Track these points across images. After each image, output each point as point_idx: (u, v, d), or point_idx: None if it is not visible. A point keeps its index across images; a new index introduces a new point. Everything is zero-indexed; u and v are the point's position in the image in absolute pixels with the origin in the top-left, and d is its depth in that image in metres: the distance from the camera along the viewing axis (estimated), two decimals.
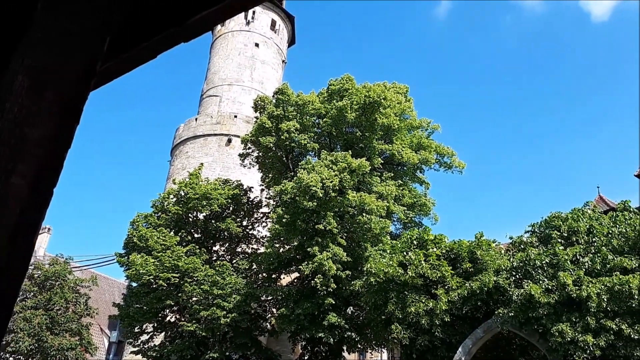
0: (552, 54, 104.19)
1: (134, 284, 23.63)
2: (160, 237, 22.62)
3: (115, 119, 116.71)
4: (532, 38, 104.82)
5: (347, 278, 19.59)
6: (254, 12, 43.73)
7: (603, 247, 15.23)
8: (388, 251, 17.94)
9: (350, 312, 21.59)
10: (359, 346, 22.05)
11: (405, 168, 24.25)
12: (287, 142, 22.86)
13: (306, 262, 19.35)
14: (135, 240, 22.81)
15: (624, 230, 15.65)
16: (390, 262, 16.66)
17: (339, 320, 19.09)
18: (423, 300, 15.86)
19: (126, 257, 22.92)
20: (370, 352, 26.73)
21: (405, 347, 17.29)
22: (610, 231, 15.90)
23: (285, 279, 24.18)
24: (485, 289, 15.61)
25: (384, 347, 22.73)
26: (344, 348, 21.85)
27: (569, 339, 13.35)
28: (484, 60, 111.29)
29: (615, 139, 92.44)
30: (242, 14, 43.51)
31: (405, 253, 17.03)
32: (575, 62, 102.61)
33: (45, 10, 1.05)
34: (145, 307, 22.32)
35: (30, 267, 27.30)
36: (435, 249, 17.00)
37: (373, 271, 16.67)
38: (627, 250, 15.17)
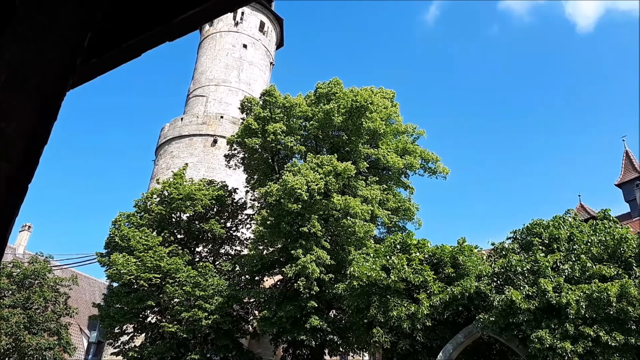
0: (538, 64, 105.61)
1: (115, 284, 23.37)
2: (143, 237, 22.42)
3: (100, 117, 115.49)
4: (518, 47, 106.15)
5: (330, 281, 19.60)
6: (242, 14, 43.66)
7: (583, 255, 15.43)
8: (371, 255, 17.98)
9: (332, 316, 21.60)
10: (341, 349, 22.06)
11: (390, 172, 24.35)
12: (273, 144, 22.84)
13: (289, 265, 19.33)
14: (117, 239, 22.58)
15: (604, 239, 15.87)
16: (374, 266, 16.70)
17: (321, 323, 19.09)
18: (405, 305, 15.93)
19: (107, 257, 22.68)
20: (352, 356, 26.72)
21: (387, 351, 17.32)
22: (590, 239, 16.11)
23: (268, 282, 24.11)
24: (467, 294, 15.72)
25: (365, 351, 22.71)
26: (326, 351, 21.85)
27: (547, 345, 13.49)
28: (470, 68, 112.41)
29: (598, 149, 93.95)
30: (231, 15, 43.44)
31: (388, 257, 17.09)
32: (561, 71, 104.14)
33: (25, 6, 1.04)
34: (126, 308, 22.09)
35: (9, 265, 26.84)
36: (418, 254, 17.08)
37: (356, 275, 16.70)
38: (606, 258, 15.39)
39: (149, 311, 23.10)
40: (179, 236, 25.05)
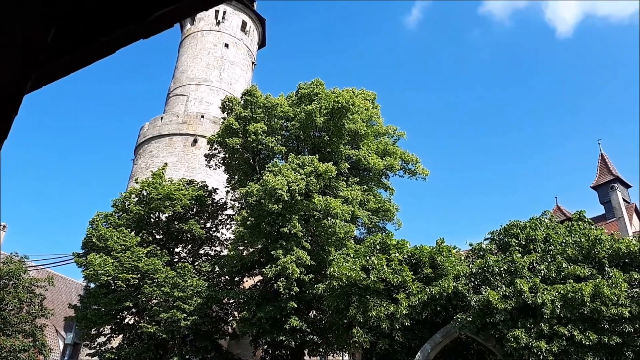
0: (518, 68, 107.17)
1: (92, 285, 23.04)
2: (121, 238, 22.14)
3: (78, 114, 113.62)
4: (499, 51, 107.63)
5: (310, 282, 19.60)
6: (224, 13, 43.45)
7: (558, 256, 15.72)
8: (351, 255, 18.06)
9: (312, 316, 21.61)
10: (321, 350, 22.08)
11: (370, 173, 24.46)
12: (254, 144, 22.77)
13: (269, 265, 19.28)
14: (94, 240, 22.25)
15: (579, 240, 16.20)
16: (353, 267, 16.78)
17: (300, 323, 19.08)
18: (384, 305, 16.04)
19: (84, 257, 22.34)
20: (332, 356, 26.78)
21: (366, 351, 17.43)
22: (566, 240, 16.43)
23: (248, 282, 24.01)
24: (445, 294, 15.89)
25: (345, 351, 22.81)
26: (306, 352, 21.84)
27: (523, 345, 13.71)
28: (452, 71, 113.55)
29: (575, 152, 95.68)
30: (213, 14, 43.19)
31: (368, 257, 17.18)
32: (540, 75, 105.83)
33: None
34: (103, 309, 21.78)
35: None
36: (397, 254, 17.21)
37: (336, 275, 16.75)
38: (581, 259, 15.71)
39: (126, 312, 22.81)
40: (157, 236, 24.79)
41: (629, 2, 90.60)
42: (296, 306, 19.13)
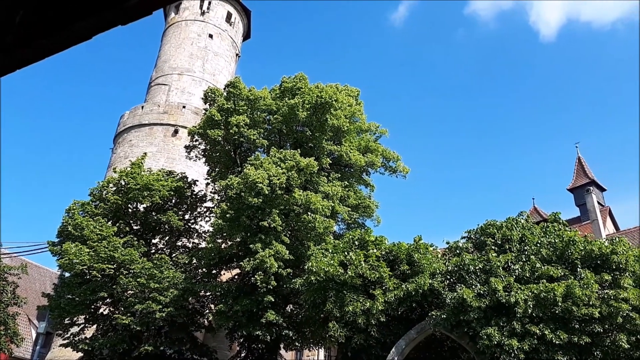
0: (501, 70, 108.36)
1: (67, 274, 22.71)
2: (97, 227, 21.86)
3: (57, 101, 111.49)
4: (483, 52, 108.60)
5: (288, 276, 19.62)
6: (209, 3, 43.04)
7: (533, 256, 15.97)
8: (330, 250, 18.11)
9: (289, 310, 21.64)
10: (297, 344, 22.14)
11: (352, 170, 24.56)
12: (236, 137, 22.64)
13: (248, 259, 19.24)
14: (70, 228, 21.93)
15: (553, 241, 16.48)
16: (331, 262, 16.84)
17: (277, 318, 19.09)
18: (361, 300, 16.14)
19: (59, 246, 22.00)
20: (308, 350, 26.89)
21: (341, 345, 17.52)
22: (540, 241, 16.70)
23: (225, 275, 23.93)
24: (421, 291, 16.05)
25: (321, 346, 22.92)
26: (281, 346, 21.88)
27: (495, 343, 13.93)
28: (436, 70, 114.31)
29: (553, 154, 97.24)
30: (197, 4, 42.74)
31: (346, 253, 17.26)
32: (523, 77, 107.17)
33: None
34: (77, 298, 21.50)
35: None
36: (375, 250, 17.31)
37: (314, 270, 16.78)
38: (555, 259, 15.99)
39: (101, 302, 22.56)
40: (134, 227, 24.52)
41: (612, 8, 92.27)
42: (273, 300, 19.14)
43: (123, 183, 23.85)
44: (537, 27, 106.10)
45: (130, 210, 24.33)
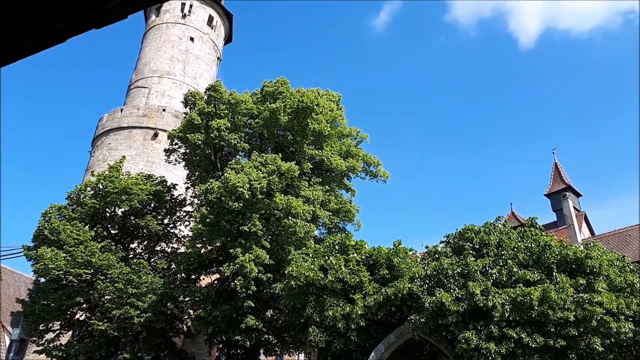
0: (481, 76, 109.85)
1: (42, 279, 22.28)
2: (74, 231, 21.51)
3: (34, 103, 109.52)
4: (463, 58, 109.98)
5: (268, 281, 19.55)
6: (191, 6, 42.85)
7: (510, 260, 16.19)
8: (310, 255, 18.11)
9: (269, 315, 21.55)
10: (276, 349, 22.03)
11: (333, 174, 24.61)
12: (217, 141, 22.52)
13: (227, 264, 19.13)
14: (46, 232, 21.55)
15: (530, 245, 16.74)
16: (312, 266, 16.84)
17: (257, 323, 19.00)
18: (341, 305, 16.16)
19: (35, 251, 21.59)
20: (288, 355, 26.77)
21: (321, 350, 17.50)
22: (517, 245, 16.94)
23: (205, 280, 23.74)
24: (400, 295, 16.13)
25: (300, 350, 22.85)
26: (261, 351, 21.75)
27: (473, 346, 14.06)
28: (416, 75, 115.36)
29: (531, 160, 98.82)
30: (179, 7, 42.51)
31: (327, 257, 17.27)
32: (502, 85, 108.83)
33: None
34: (52, 304, 21.11)
35: None
36: (355, 255, 17.37)
37: (294, 274, 16.77)
38: (531, 264, 16.23)
39: (77, 308, 22.19)
40: (112, 231, 24.20)
41: (589, 17, 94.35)
42: (253, 305, 19.05)
43: (101, 187, 23.53)
44: (517, 35, 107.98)
45: (108, 214, 24.01)
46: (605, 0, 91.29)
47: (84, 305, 22.03)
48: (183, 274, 22.17)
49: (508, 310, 14.37)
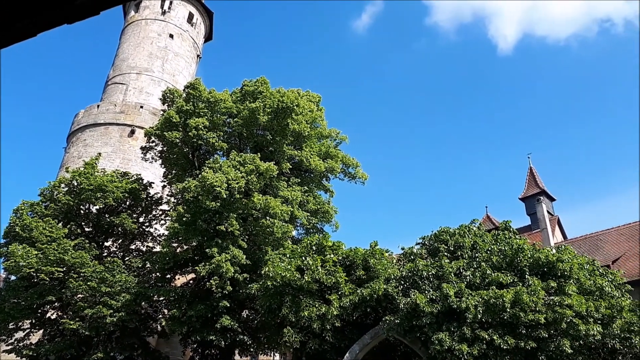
0: (460, 80, 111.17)
1: (13, 277, 21.80)
2: (47, 228, 21.10)
3: (5, 94, 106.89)
4: (443, 62, 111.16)
5: (244, 281, 19.47)
6: (170, 3, 42.45)
7: (484, 263, 16.41)
8: (287, 255, 18.09)
9: (245, 316, 21.46)
10: (251, 350, 21.97)
11: (312, 175, 24.63)
12: (195, 139, 22.33)
13: (203, 263, 18.99)
14: (17, 229, 21.09)
15: (503, 248, 16.98)
16: (289, 267, 16.83)
17: (232, 323, 18.90)
18: (316, 305, 16.19)
19: (6, 248, 21.11)
20: (263, 356, 26.69)
21: (296, 350, 17.50)
22: (491, 248, 17.18)
23: (180, 280, 23.53)
24: (375, 296, 16.23)
25: (275, 351, 22.81)
26: (236, 351, 21.65)
27: (446, 347, 14.22)
28: (397, 78, 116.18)
29: (507, 164, 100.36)
30: (159, 3, 42.05)
31: (304, 258, 17.28)
32: (481, 89, 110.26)
33: None
34: (23, 302, 20.66)
35: None
36: (332, 256, 17.42)
37: (271, 275, 16.73)
38: (504, 266, 16.47)
39: (48, 307, 21.77)
40: (86, 229, 23.81)
41: (566, 25, 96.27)
42: (228, 305, 18.95)
43: (75, 183, 23.14)
44: (496, 40, 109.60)
45: (82, 211, 23.61)
46: (582, 8, 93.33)
47: (56, 304, 21.63)
48: (158, 273, 21.93)
49: (481, 312, 14.56)
